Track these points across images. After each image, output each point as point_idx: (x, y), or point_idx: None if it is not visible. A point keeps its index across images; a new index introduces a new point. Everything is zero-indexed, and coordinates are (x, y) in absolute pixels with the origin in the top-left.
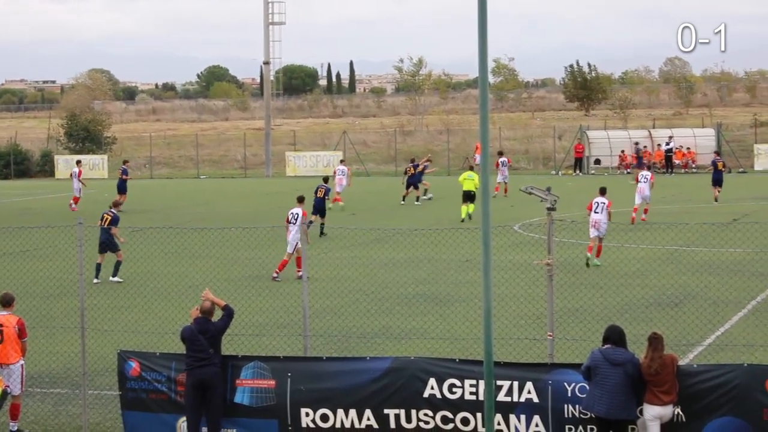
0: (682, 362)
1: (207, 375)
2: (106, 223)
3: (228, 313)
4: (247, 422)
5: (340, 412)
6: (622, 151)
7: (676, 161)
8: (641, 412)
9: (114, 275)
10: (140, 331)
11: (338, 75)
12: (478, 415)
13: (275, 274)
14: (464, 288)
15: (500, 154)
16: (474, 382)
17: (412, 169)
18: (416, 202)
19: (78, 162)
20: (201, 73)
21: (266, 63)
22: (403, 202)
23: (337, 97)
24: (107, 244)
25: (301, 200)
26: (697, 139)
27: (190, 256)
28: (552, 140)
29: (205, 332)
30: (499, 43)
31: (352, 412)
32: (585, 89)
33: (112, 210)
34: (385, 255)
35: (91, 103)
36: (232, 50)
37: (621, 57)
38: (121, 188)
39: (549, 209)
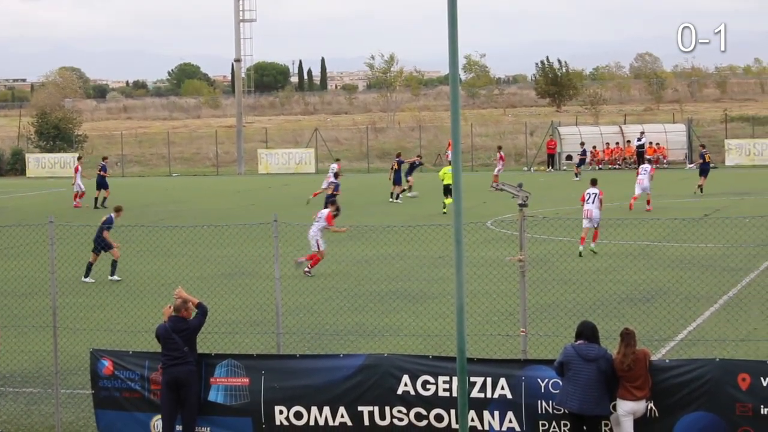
0: (654, 357)
1: (182, 373)
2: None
3: (202, 311)
4: (221, 420)
5: (314, 409)
6: (594, 147)
7: (648, 157)
8: (614, 407)
9: (112, 274)
10: (113, 330)
11: (310, 72)
12: (452, 411)
13: (307, 269)
14: (437, 285)
15: (500, 148)
16: (447, 378)
17: (396, 164)
18: (390, 199)
19: (79, 158)
20: (172, 70)
21: (237, 60)
22: (391, 200)
23: (308, 94)
24: (98, 243)
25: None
26: (668, 135)
27: (162, 255)
28: (524, 136)
29: (180, 330)
30: (471, 40)
31: (326, 410)
32: (556, 85)
33: (111, 214)
34: (358, 252)
35: (61, 102)
36: (204, 48)
37: (592, 53)
38: (102, 184)
39: (521, 205)
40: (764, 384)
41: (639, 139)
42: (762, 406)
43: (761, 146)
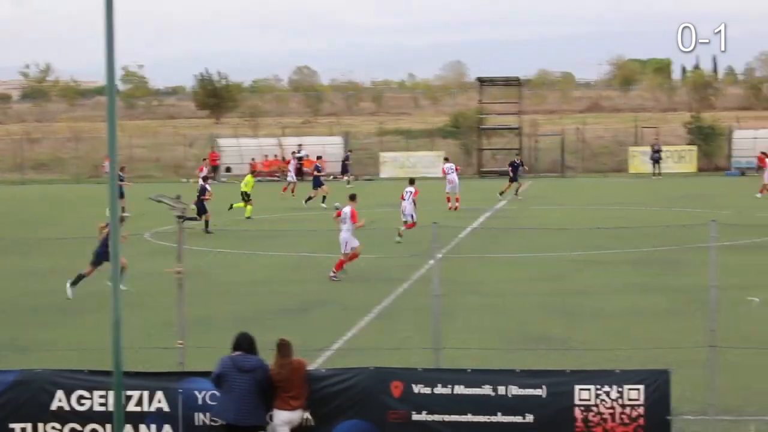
0: (311, 367)
1: None
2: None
3: None
4: None
5: None
6: (253, 159)
7: (306, 169)
8: (272, 418)
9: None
10: None
11: None
12: (108, 426)
13: (332, 274)
14: (95, 298)
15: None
16: (104, 392)
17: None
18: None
19: None
20: None
21: None
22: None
23: None
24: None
25: (352, 198)
26: (325, 147)
27: None
28: (183, 148)
29: None
30: (129, 50)
31: None
32: (215, 97)
33: None
34: (17, 265)
35: None
36: None
37: (251, 65)
38: None
39: (179, 217)
40: (416, 391)
41: (298, 152)
42: (414, 412)
43: (414, 159)
